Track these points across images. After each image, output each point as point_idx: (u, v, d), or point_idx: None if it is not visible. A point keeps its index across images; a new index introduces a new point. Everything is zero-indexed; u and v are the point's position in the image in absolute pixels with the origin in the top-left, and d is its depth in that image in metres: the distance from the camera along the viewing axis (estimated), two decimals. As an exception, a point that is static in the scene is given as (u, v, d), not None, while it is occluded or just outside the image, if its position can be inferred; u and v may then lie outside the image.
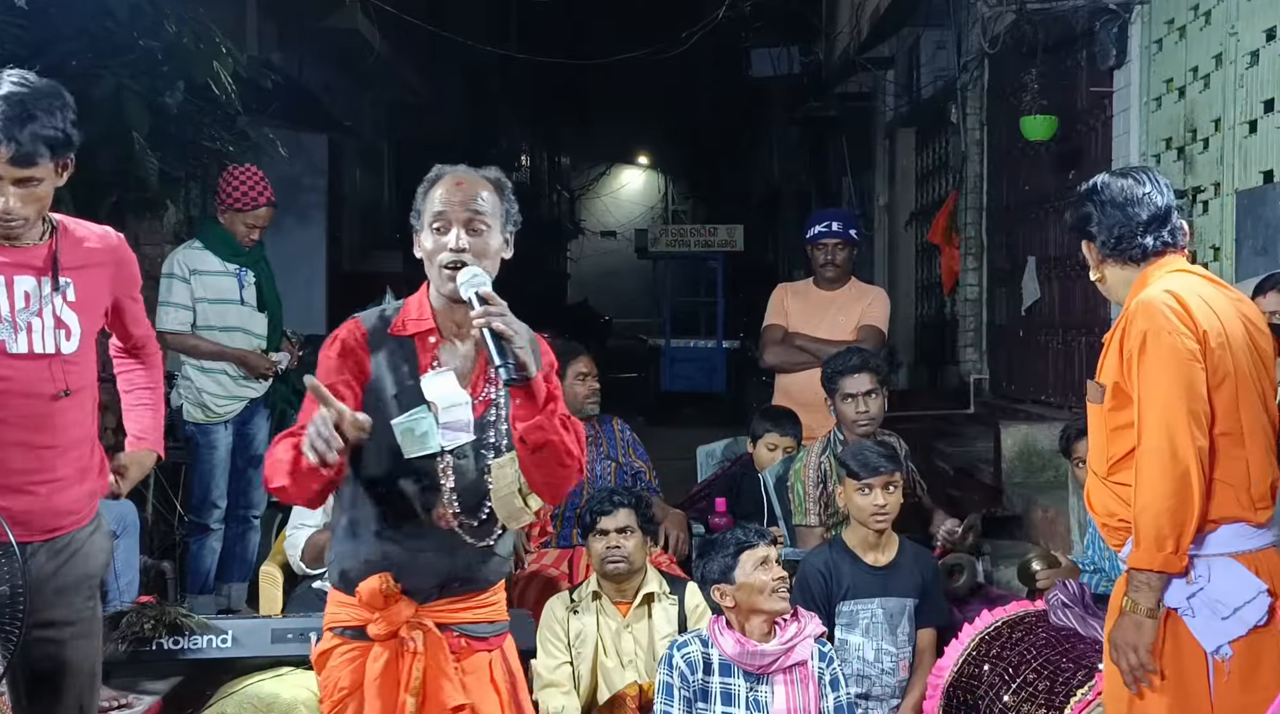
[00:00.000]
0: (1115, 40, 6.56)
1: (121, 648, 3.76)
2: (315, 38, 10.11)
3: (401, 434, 2.47)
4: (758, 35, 15.71)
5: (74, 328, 2.71)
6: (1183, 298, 2.71)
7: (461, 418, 2.47)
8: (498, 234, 2.52)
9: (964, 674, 3.60)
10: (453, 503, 2.49)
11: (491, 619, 2.61)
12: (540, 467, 2.45)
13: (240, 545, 5.50)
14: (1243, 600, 2.64)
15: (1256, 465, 2.72)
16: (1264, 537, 2.72)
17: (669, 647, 3.62)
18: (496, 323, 2.32)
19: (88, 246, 2.78)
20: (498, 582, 2.63)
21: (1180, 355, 2.65)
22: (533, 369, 2.35)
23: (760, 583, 3.51)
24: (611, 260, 31.07)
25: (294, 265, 8.88)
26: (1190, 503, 2.61)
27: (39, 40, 4.96)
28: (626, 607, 3.99)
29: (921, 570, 4.00)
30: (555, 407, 2.41)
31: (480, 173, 2.56)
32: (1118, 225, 2.84)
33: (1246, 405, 2.71)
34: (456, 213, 2.47)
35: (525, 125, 24.06)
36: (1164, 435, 2.63)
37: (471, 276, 2.41)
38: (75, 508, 2.74)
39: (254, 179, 5.33)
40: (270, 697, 3.71)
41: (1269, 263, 4.99)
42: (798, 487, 4.50)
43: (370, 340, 2.52)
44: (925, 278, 11.93)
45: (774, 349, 5.58)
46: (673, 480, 6.01)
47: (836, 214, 5.88)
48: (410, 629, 2.49)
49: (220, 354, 5.28)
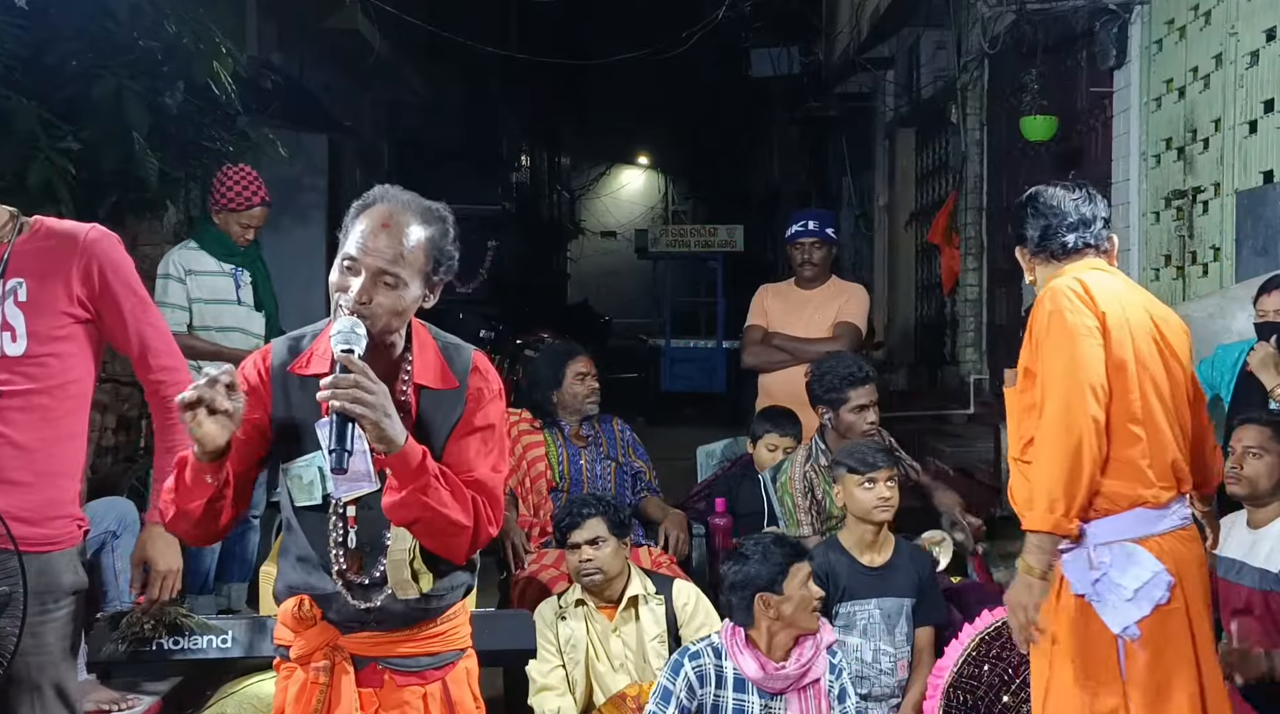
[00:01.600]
0: (1115, 40, 6.57)
1: (121, 648, 3.76)
2: (315, 38, 10.11)
3: (290, 480, 2.33)
4: (758, 35, 15.71)
5: (19, 329, 2.61)
6: (1085, 282, 2.90)
7: (359, 469, 2.21)
8: (416, 287, 2.26)
9: (964, 674, 3.60)
10: (338, 559, 2.32)
11: (432, 651, 2.41)
12: (424, 537, 2.28)
13: (240, 545, 5.49)
14: (1142, 582, 2.78)
15: (1155, 444, 2.85)
16: (1167, 520, 2.85)
17: (679, 653, 3.55)
18: (337, 404, 2.09)
19: (47, 246, 2.68)
20: (438, 615, 2.41)
21: (1079, 332, 2.81)
22: (395, 443, 2.14)
23: (806, 599, 3.47)
24: (612, 260, 31.04)
25: (293, 265, 8.88)
26: (1081, 469, 2.75)
27: (39, 40, 4.96)
28: (611, 611, 3.97)
29: (918, 570, 4.00)
30: (422, 482, 2.18)
31: (420, 212, 2.29)
32: (1044, 226, 3.06)
33: (1144, 389, 2.86)
34: (370, 262, 2.22)
35: (525, 125, 24.03)
36: (1061, 404, 2.78)
37: (346, 328, 2.17)
38: (24, 515, 2.60)
39: (247, 179, 5.32)
40: (270, 697, 3.70)
41: (1269, 263, 5.00)
42: (786, 499, 4.48)
43: (273, 375, 2.33)
44: (925, 278, 11.94)
45: (752, 349, 5.66)
46: (673, 480, 6.00)
47: (813, 214, 5.92)
48: (323, 657, 2.36)
49: (217, 354, 5.27)
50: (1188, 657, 2.83)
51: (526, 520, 4.65)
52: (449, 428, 2.33)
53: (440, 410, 2.34)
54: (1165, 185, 6.16)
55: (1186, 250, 5.95)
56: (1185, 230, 5.92)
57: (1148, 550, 2.81)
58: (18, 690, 2.62)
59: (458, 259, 2.36)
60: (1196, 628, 2.85)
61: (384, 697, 2.39)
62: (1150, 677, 2.81)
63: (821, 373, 4.62)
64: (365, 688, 2.38)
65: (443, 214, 2.34)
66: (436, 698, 2.42)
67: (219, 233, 5.32)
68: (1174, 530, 2.87)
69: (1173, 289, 6.00)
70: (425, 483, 2.19)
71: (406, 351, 2.34)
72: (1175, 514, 2.88)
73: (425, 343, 2.38)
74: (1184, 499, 2.94)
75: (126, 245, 2.87)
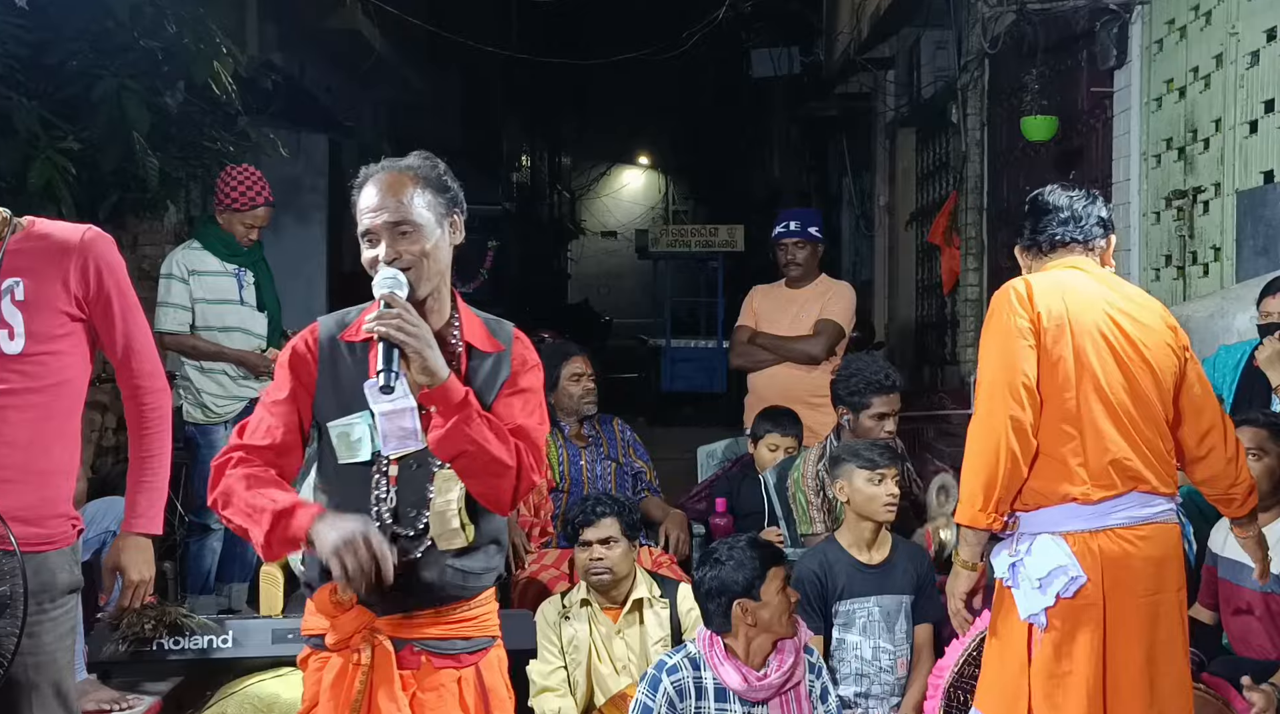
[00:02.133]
0: (1115, 40, 6.56)
1: (122, 648, 3.76)
2: (316, 38, 10.10)
3: (336, 438, 2.43)
4: (758, 35, 15.73)
5: (17, 327, 2.62)
6: (1030, 282, 2.95)
7: (406, 426, 2.38)
8: (433, 229, 2.43)
9: (964, 674, 3.59)
10: (383, 512, 2.41)
11: (465, 635, 2.49)
12: (470, 477, 2.38)
13: (241, 545, 5.49)
14: (1045, 572, 2.83)
15: (1092, 444, 2.86)
16: (1099, 519, 2.86)
17: (655, 667, 3.48)
18: (381, 329, 2.28)
19: (44, 245, 2.68)
20: (471, 596, 2.49)
21: (1009, 333, 2.88)
22: (438, 376, 2.30)
23: (784, 604, 3.41)
24: (612, 261, 31.09)
25: (294, 265, 8.88)
26: (997, 466, 2.82)
27: (39, 40, 4.96)
28: (616, 613, 3.96)
29: (916, 567, 4.00)
30: (466, 414, 2.31)
31: (404, 164, 2.49)
32: (1036, 221, 3.10)
33: (1082, 388, 2.87)
34: (380, 225, 2.41)
35: (526, 125, 24.05)
36: (985, 405, 2.88)
37: (385, 277, 2.37)
38: (20, 514, 2.60)
39: (251, 179, 5.32)
40: (270, 697, 3.71)
41: (1270, 263, 4.99)
42: (799, 497, 4.47)
43: (321, 346, 2.47)
44: (925, 278, 11.92)
45: (738, 349, 5.77)
46: (673, 480, 6.01)
47: (796, 213, 5.98)
48: (361, 640, 2.41)
49: (219, 355, 5.27)
50: (1092, 654, 2.83)
51: (526, 521, 4.64)
52: (496, 387, 2.46)
53: (487, 371, 2.47)
54: (1166, 185, 6.15)
55: (1187, 250, 5.95)
56: (1186, 230, 5.92)
57: (1067, 545, 2.84)
58: (16, 691, 2.61)
59: (460, 189, 2.51)
60: (1113, 627, 2.84)
61: (421, 679, 2.44)
62: (1051, 667, 2.85)
63: (848, 374, 4.56)
64: (403, 670, 2.43)
65: (424, 155, 2.53)
66: (470, 683, 2.49)
67: (222, 233, 5.32)
68: (1113, 529, 2.85)
69: (1173, 289, 5.99)
70: (468, 416, 2.31)
71: (454, 317, 2.49)
72: (1119, 512, 2.86)
73: (469, 314, 2.54)
74: (1146, 497, 2.87)
75: (126, 245, 2.87)
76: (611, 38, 15.45)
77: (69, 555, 2.69)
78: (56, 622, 2.65)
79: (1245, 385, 4.18)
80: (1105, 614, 2.84)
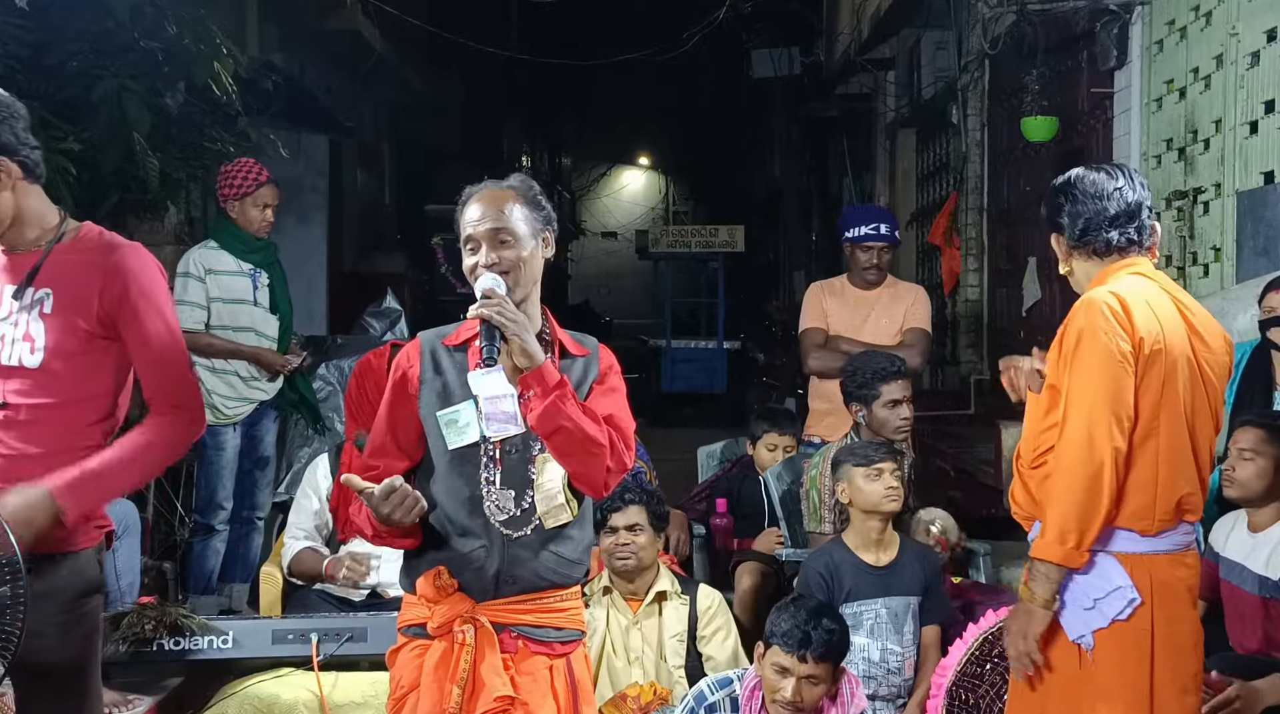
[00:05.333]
0: (1116, 41, 6.57)
1: (122, 648, 3.76)
2: (316, 39, 10.10)
3: (445, 425, 2.61)
4: (758, 36, 15.73)
5: (39, 341, 2.62)
6: (1125, 299, 2.71)
7: (507, 410, 2.57)
8: (529, 240, 2.65)
9: (966, 674, 3.59)
10: (491, 492, 2.59)
11: (557, 625, 2.64)
12: (566, 456, 2.54)
13: (243, 546, 5.50)
14: (1103, 593, 2.70)
15: (1165, 480, 2.72)
16: (1152, 544, 2.73)
17: (695, 697, 3.43)
18: (485, 312, 2.49)
19: (83, 259, 2.66)
20: (564, 586, 2.66)
21: (1112, 357, 2.66)
22: (535, 358, 2.50)
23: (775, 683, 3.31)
24: (612, 261, 31.07)
25: (294, 265, 8.81)
26: (1099, 501, 2.64)
27: (39, 41, 4.96)
28: (637, 604, 4.00)
29: (923, 568, 3.99)
30: (563, 392, 2.50)
31: (505, 184, 2.70)
32: (1085, 216, 2.85)
33: (1168, 417, 2.72)
34: (482, 232, 2.62)
35: (526, 126, 24.04)
36: (1084, 430, 2.64)
37: (489, 278, 2.59)
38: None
39: (248, 165, 5.32)
40: (271, 697, 3.71)
41: (1270, 263, 4.99)
42: (813, 494, 4.44)
43: (423, 353, 2.68)
44: (926, 278, 11.91)
45: (818, 354, 5.32)
46: (673, 481, 6.01)
47: (880, 216, 5.64)
48: (463, 623, 2.56)
49: (235, 352, 5.27)
50: (1138, 681, 2.72)
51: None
52: (587, 387, 2.68)
53: (578, 372, 2.69)
54: (1166, 186, 6.15)
55: (1187, 251, 5.95)
56: (1186, 231, 5.92)
57: (1121, 566, 2.71)
58: (49, 687, 2.67)
59: (553, 209, 2.75)
60: (1160, 654, 2.72)
61: (518, 663, 2.60)
62: (1096, 691, 2.72)
63: (853, 371, 4.57)
64: (501, 654, 2.59)
65: (522, 177, 2.77)
66: (562, 673, 2.65)
67: (236, 229, 5.31)
68: (1165, 553, 2.75)
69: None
70: (564, 394, 2.50)
71: (545, 325, 2.72)
72: (1169, 539, 2.75)
73: (557, 325, 2.77)
74: (1189, 526, 2.80)
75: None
76: (612, 38, 15.43)
77: (92, 556, 2.73)
78: (88, 617, 2.71)
79: (1246, 385, 4.18)
80: (1153, 639, 2.72)
